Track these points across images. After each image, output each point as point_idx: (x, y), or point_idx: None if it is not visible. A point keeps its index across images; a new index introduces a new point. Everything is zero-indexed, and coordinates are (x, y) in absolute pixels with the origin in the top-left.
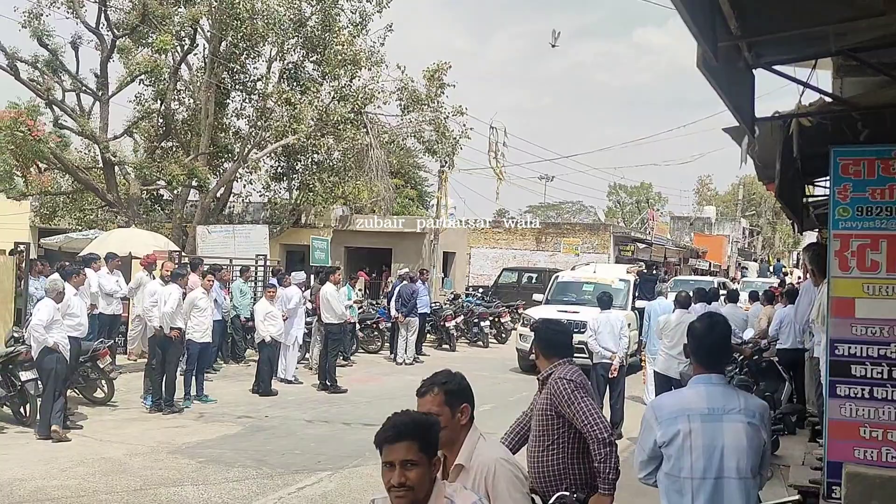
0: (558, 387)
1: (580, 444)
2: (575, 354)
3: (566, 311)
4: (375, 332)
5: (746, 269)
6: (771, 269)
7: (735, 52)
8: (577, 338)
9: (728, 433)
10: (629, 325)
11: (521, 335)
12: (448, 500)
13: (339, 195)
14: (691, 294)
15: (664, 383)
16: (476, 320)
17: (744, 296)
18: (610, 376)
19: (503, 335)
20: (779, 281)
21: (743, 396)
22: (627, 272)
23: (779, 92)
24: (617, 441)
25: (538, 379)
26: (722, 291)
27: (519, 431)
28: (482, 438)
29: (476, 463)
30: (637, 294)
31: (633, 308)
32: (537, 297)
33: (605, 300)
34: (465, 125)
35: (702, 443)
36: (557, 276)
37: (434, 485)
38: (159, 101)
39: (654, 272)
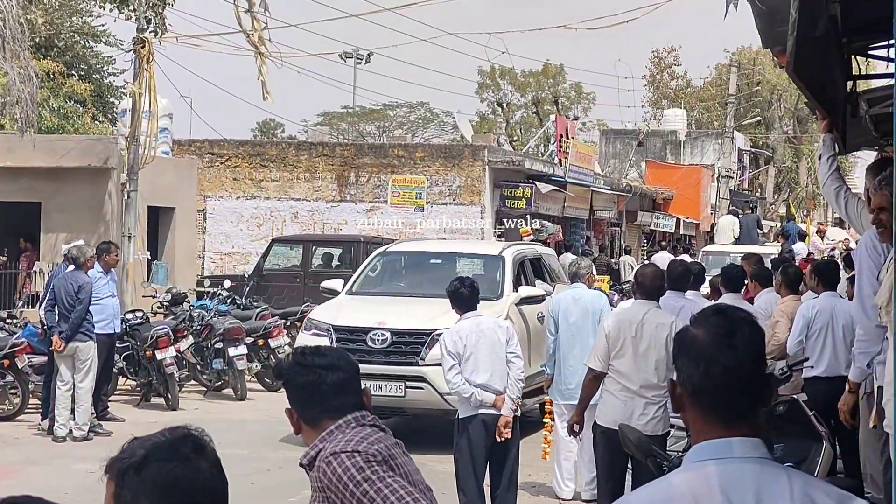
0: (332, 470)
1: None
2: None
3: None
4: (10, 376)
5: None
6: (780, 230)
7: None
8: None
9: None
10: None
11: None
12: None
13: None
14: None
15: (612, 453)
16: (219, 344)
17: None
18: (499, 439)
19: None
20: (786, 251)
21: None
22: None
23: None
24: None
25: (300, 464)
26: None
27: None
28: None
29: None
30: None
31: None
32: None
33: (463, 294)
34: None
35: None
36: None
37: None
38: None
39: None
